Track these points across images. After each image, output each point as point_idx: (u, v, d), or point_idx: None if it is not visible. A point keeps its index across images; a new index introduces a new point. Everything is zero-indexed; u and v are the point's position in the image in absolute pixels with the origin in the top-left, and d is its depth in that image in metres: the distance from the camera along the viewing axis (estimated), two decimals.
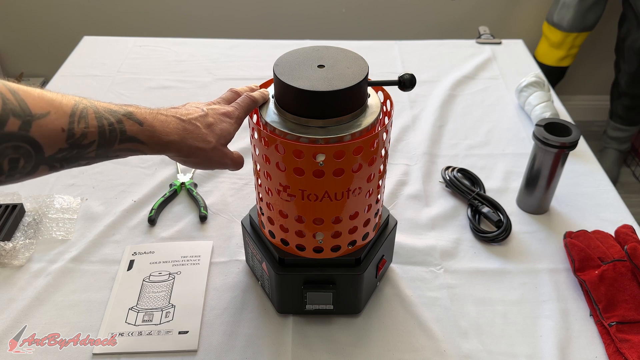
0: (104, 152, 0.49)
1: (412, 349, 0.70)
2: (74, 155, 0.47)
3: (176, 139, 0.54)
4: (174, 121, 0.55)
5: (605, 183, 0.98)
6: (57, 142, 0.45)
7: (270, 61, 0.62)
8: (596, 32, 2.10)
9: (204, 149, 0.56)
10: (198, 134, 0.56)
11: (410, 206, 0.93)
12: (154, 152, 0.54)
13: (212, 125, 0.57)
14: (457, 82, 1.26)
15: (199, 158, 0.56)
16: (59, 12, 2.12)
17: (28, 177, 0.46)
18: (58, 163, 0.47)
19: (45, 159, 0.45)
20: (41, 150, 0.44)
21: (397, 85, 0.61)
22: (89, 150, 0.48)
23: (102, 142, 0.48)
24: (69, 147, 0.46)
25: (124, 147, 0.51)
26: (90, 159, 0.49)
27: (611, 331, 0.70)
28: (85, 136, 0.47)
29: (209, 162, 0.58)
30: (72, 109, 0.46)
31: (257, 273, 0.77)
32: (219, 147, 0.57)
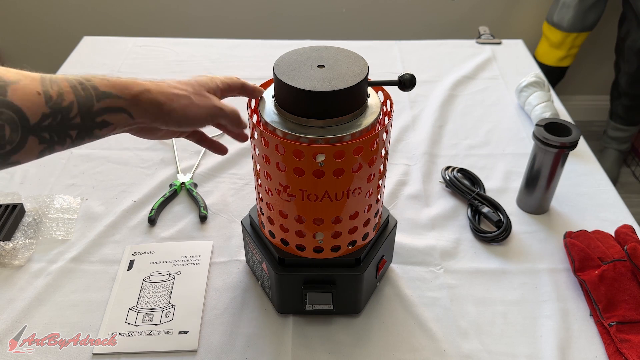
0: (87, 114, 0.48)
1: (412, 349, 0.70)
2: (60, 122, 0.46)
3: (150, 87, 0.52)
4: (141, 80, 0.54)
5: (605, 183, 0.98)
6: (37, 106, 0.44)
7: (270, 61, 0.62)
8: (596, 32, 2.10)
9: (182, 95, 0.54)
10: (171, 84, 0.54)
11: (410, 206, 0.93)
12: (135, 108, 0.51)
13: (187, 82, 0.57)
14: (457, 82, 1.26)
15: (180, 103, 0.53)
16: (59, 12, 2.12)
17: (20, 152, 0.44)
18: (46, 133, 0.45)
19: (31, 128, 0.44)
20: (24, 117, 0.43)
21: (397, 85, 0.61)
22: (72, 113, 0.46)
23: (80, 101, 0.47)
24: (52, 112, 0.45)
25: (104, 106, 0.48)
26: (79, 127, 0.47)
27: (611, 331, 0.70)
28: (63, 97, 0.46)
29: (193, 106, 0.54)
30: (41, 76, 0.46)
31: (257, 273, 0.77)
32: (201, 92, 0.55)
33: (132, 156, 1.03)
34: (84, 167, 1.00)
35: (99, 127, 0.49)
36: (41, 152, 0.46)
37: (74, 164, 1.00)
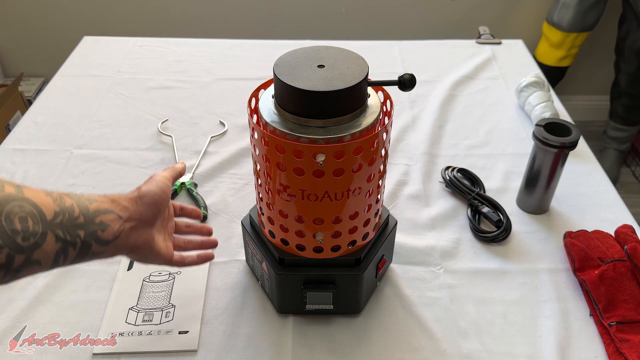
0: (87, 214, 0.49)
1: (412, 349, 0.70)
2: (69, 221, 0.47)
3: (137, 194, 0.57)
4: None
5: (605, 183, 0.98)
6: (48, 203, 0.46)
7: (270, 61, 0.62)
8: (596, 32, 2.10)
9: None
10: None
11: (410, 206, 0.93)
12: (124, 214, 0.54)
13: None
14: (457, 82, 1.26)
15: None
16: (59, 12, 2.12)
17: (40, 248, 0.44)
18: (60, 231, 0.46)
19: (48, 223, 0.45)
20: (42, 212, 0.45)
21: (397, 85, 0.61)
22: (75, 213, 0.48)
23: (77, 201, 0.49)
24: (60, 210, 0.47)
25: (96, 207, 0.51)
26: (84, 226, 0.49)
27: (611, 331, 0.70)
28: (63, 198, 0.48)
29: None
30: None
31: (257, 273, 0.77)
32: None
33: (132, 156, 1.03)
34: (84, 167, 1.00)
35: (101, 229, 0.50)
36: (57, 253, 0.46)
37: (74, 164, 1.00)
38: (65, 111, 1.15)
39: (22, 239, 0.43)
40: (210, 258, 0.68)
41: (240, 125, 1.12)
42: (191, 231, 0.69)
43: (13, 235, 0.42)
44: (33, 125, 1.10)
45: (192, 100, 1.19)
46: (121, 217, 0.53)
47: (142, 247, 0.56)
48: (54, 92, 1.21)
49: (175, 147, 1.05)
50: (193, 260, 0.66)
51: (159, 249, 0.59)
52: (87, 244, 0.49)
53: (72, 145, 1.05)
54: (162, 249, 0.60)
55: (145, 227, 0.56)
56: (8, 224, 0.42)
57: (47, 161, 1.01)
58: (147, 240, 0.57)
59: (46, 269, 0.46)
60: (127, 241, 0.54)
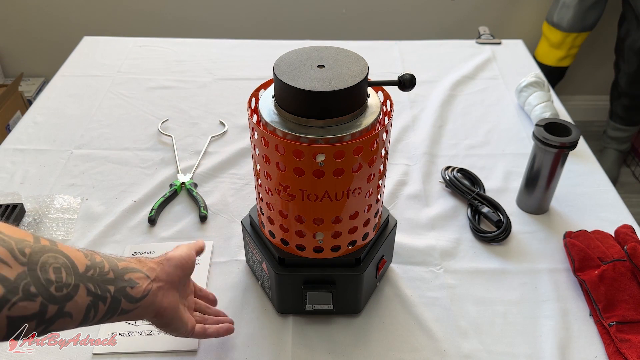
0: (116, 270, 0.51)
1: (412, 349, 0.70)
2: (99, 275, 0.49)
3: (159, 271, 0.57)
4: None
5: (605, 183, 0.98)
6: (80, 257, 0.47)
7: (270, 61, 0.62)
8: (596, 32, 2.10)
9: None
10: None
11: (410, 206, 0.93)
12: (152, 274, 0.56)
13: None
14: (457, 82, 1.26)
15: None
16: (59, 12, 2.12)
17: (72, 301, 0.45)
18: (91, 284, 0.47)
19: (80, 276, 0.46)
20: (74, 264, 0.46)
21: (397, 85, 0.61)
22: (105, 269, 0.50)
23: (106, 259, 0.51)
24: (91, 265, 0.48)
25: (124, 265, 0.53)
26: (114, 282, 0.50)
27: (611, 331, 0.70)
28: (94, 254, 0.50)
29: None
30: None
31: (257, 273, 0.77)
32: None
33: (132, 156, 1.03)
34: (84, 167, 1.00)
35: (130, 285, 0.52)
36: (88, 307, 0.47)
37: (74, 164, 1.00)
38: (65, 111, 1.15)
39: (56, 289, 0.43)
40: (231, 331, 0.68)
41: (240, 125, 1.12)
42: (211, 312, 0.70)
43: (47, 284, 0.43)
44: (33, 125, 1.10)
45: (192, 100, 1.19)
46: (148, 277, 0.55)
47: (169, 309, 0.57)
48: (54, 92, 1.21)
49: (175, 147, 1.05)
50: (214, 331, 0.66)
51: (183, 316, 0.60)
52: (116, 299, 0.50)
53: (72, 145, 1.05)
54: (185, 317, 0.60)
55: (171, 289, 0.58)
56: (43, 273, 0.43)
57: (47, 161, 1.01)
58: (173, 303, 0.58)
59: (76, 324, 0.47)
60: (154, 301, 0.55)
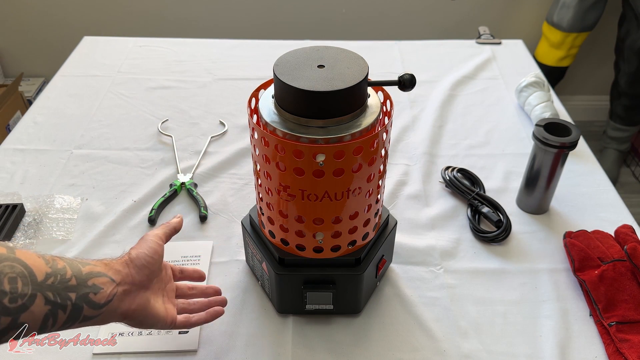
0: (80, 276, 0.49)
1: (412, 349, 0.70)
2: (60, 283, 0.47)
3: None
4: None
5: (605, 183, 0.98)
6: (40, 264, 0.46)
7: (270, 61, 0.62)
8: (596, 32, 2.10)
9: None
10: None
11: (410, 206, 0.93)
12: (117, 277, 0.54)
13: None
14: (457, 82, 1.26)
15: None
16: (59, 12, 2.12)
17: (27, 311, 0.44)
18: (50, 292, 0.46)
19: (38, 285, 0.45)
20: (32, 272, 0.45)
21: (397, 85, 0.61)
22: (67, 275, 0.48)
23: (69, 264, 0.49)
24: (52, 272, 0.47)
25: (89, 270, 0.51)
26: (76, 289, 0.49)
27: (611, 331, 0.70)
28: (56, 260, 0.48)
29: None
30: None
31: (257, 273, 0.77)
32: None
33: (132, 156, 1.03)
34: (84, 167, 1.00)
35: (93, 291, 0.50)
36: (45, 316, 0.46)
37: (74, 164, 1.00)
38: (65, 111, 1.15)
39: (10, 300, 0.42)
40: (219, 314, 0.66)
41: (240, 125, 1.12)
42: (195, 293, 0.67)
43: (1, 296, 0.42)
44: (33, 125, 1.10)
45: (192, 100, 1.19)
46: (114, 281, 0.53)
47: (138, 311, 0.55)
48: (54, 92, 1.21)
49: (175, 147, 1.05)
50: (201, 318, 0.64)
51: (157, 313, 0.58)
52: (78, 307, 0.48)
53: (72, 145, 1.05)
54: (160, 312, 0.58)
55: (139, 291, 0.56)
56: None
57: (47, 161, 1.01)
58: (142, 305, 0.56)
59: (33, 332, 0.45)
60: (119, 305, 0.53)
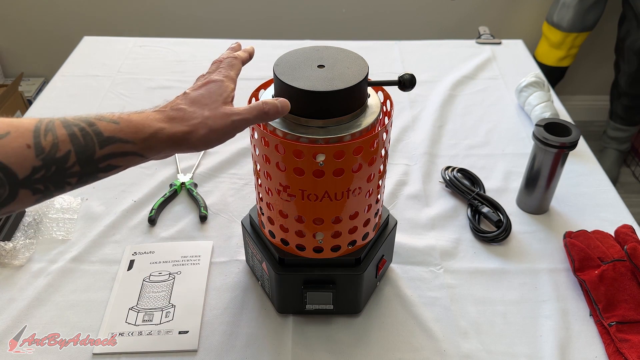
0: (88, 161, 0.45)
1: (412, 349, 0.70)
2: (55, 173, 0.44)
3: (162, 125, 0.49)
4: (153, 113, 0.50)
5: (605, 183, 0.98)
6: (26, 160, 0.42)
7: (270, 61, 0.62)
8: (596, 32, 2.10)
9: (197, 123, 0.50)
10: (184, 115, 0.50)
11: (410, 206, 0.93)
12: (147, 151, 0.48)
13: (197, 99, 0.52)
14: (457, 82, 1.26)
15: (198, 135, 0.50)
16: (59, 12, 2.12)
17: (11, 204, 0.43)
18: (41, 184, 0.44)
19: (21, 182, 0.43)
20: (11, 172, 0.42)
21: (397, 85, 0.61)
22: (68, 163, 0.44)
23: (78, 150, 0.45)
24: (44, 164, 0.43)
25: (108, 152, 0.46)
26: (79, 174, 0.45)
27: (611, 331, 0.70)
28: (57, 147, 0.44)
29: (214, 133, 0.51)
30: (35, 125, 0.44)
31: (257, 273, 0.77)
32: (213, 112, 0.52)
33: None
34: None
35: (104, 171, 0.47)
36: (37, 200, 0.45)
37: None
38: (65, 111, 1.14)
39: None
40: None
41: None
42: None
43: None
44: None
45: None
46: (144, 156, 0.48)
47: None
48: (54, 92, 1.21)
49: None
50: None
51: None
52: (82, 183, 0.46)
53: None
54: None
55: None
56: None
57: None
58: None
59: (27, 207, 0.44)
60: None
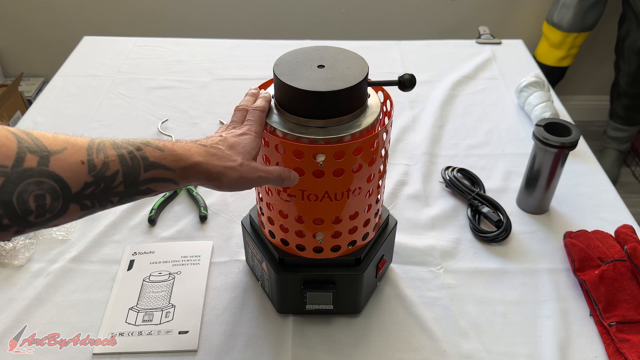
0: (132, 183, 0.48)
1: (412, 349, 0.70)
2: (103, 191, 0.46)
3: (202, 160, 0.53)
4: (195, 146, 0.54)
5: (605, 183, 0.98)
6: (80, 175, 0.45)
7: (270, 61, 0.62)
8: (596, 32, 2.10)
9: (232, 167, 0.55)
10: (222, 155, 0.55)
11: (410, 206, 0.93)
12: (183, 180, 0.52)
13: (234, 145, 0.56)
14: (457, 82, 1.26)
15: (230, 178, 0.54)
16: (59, 12, 2.12)
17: (60, 218, 0.45)
18: (88, 200, 0.46)
19: (73, 196, 0.44)
20: (66, 186, 0.44)
21: (397, 85, 0.61)
22: (115, 182, 0.47)
23: (126, 171, 0.47)
24: (95, 181, 0.45)
25: (151, 176, 0.49)
26: (121, 194, 0.48)
27: (611, 331, 0.70)
28: (108, 166, 0.46)
29: (242, 181, 0.56)
30: (88, 144, 0.47)
31: (257, 273, 0.77)
32: (246, 162, 0.56)
33: None
34: None
35: (142, 194, 0.50)
36: (81, 215, 0.47)
37: None
38: (65, 111, 1.15)
39: (36, 216, 0.42)
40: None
41: None
42: None
43: (24, 215, 0.41)
44: (33, 125, 1.10)
45: (192, 100, 1.19)
46: (177, 184, 0.52)
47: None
48: (54, 92, 1.21)
49: None
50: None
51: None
52: (121, 203, 0.49)
53: None
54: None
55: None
56: (20, 204, 0.40)
57: None
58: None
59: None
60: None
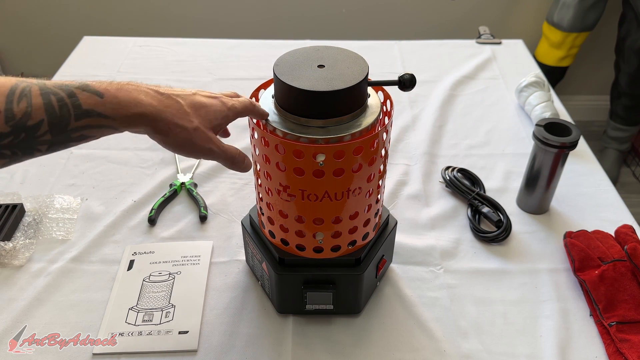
0: (61, 132, 0.44)
1: (412, 349, 0.70)
2: (24, 140, 0.43)
3: (150, 111, 0.48)
4: (149, 93, 0.49)
5: (605, 183, 0.98)
6: None
7: (270, 61, 0.62)
8: (596, 32, 2.10)
9: (183, 127, 0.50)
10: (179, 110, 0.50)
11: (410, 206, 0.93)
12: (125, 127, 0.48)
13: (198, 106, 0.52)
14: (457, 82, 1.26)
15: (178, 138, 0.50)
16: (59, 12, 2.12)
17: None
18: (7, 150, 0.43)
19: None
20: None
21: (397, 85, 0.61)
22: (39, 132, 0.43)
23: (52, 120, 0.44)
24: (12, 131, 0.42)
25: (83, 124, 0.45)
26: (49, 143, 0.44)
27: (611, 331, 0.70)
28: (30, 116, 0.43)
29: (190, 145, 0.51)
30: (10, 89, 0.43)
31: (257, 273, 0.77)
32: (202, 128, 0.52)
33: (132, 156, 1.03)
34: (84, 167, 1.00)
35: (76, 140, 0.47)
36: (3, 164, 0.44)
37: (74, 163, 1.00)
38: None
39: None
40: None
41: (240, 125, 1.12)
42: None
43: None
44: None
45: None
46: (119, 130, 0.48)
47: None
48: None
49: None
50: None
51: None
52: (52, 150, 0.45)
53: None
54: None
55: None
56: None
57: (47, 161, 1.01)
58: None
59: None
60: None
